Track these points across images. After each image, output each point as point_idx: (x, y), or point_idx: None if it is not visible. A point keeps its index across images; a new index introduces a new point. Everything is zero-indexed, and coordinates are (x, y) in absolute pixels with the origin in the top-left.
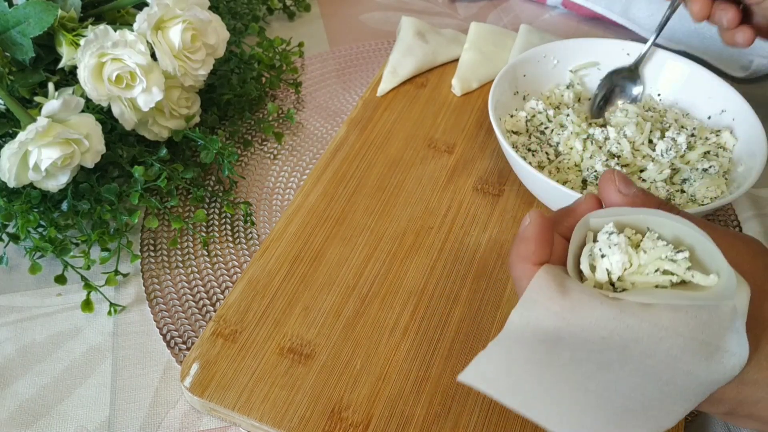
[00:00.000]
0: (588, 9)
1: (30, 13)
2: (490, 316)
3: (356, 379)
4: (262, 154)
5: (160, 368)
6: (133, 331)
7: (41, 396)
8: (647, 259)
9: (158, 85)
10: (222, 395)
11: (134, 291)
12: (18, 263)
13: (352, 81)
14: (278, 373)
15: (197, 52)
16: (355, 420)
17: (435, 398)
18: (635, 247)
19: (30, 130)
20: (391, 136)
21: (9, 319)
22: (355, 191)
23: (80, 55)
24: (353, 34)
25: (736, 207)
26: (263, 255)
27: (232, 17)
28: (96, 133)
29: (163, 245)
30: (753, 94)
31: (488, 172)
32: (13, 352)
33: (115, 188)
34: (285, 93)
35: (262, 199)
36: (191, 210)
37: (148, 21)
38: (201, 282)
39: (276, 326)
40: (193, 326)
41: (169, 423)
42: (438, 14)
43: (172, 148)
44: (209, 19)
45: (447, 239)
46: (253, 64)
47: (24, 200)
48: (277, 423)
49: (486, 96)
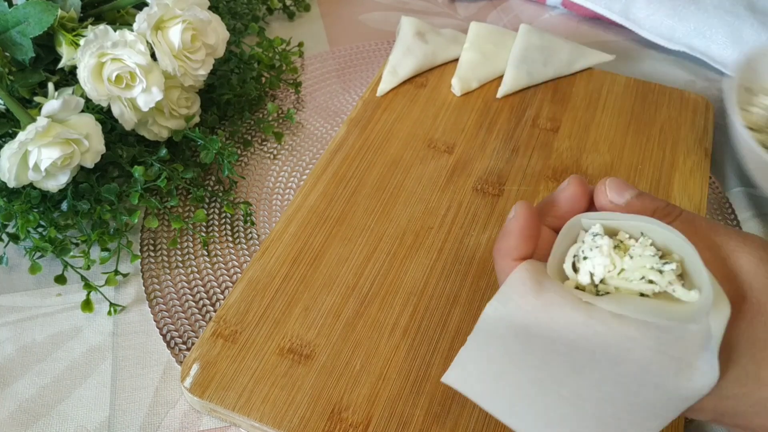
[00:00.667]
0: (588, 9)
1: (30, 13)
2: None
3: (356, 379)
4: (261, 154)
5: (160, 368)
6: (133, 331)
7: (41, 396)
8: (632, 265)
9: (158, 85)
10: (222, 396)
11: (134, 291)
12: (18, 263)
13: (351, 81)
14: (278, 373)
15: (197, 52)
16: (354, 420)
17: (435, 398)
18: (624, 251)
19: (30, 130)
20: (391, 136)
21: (9, 319)
22: (355, 191)
23: (80, 55)
24: (353, 34)
25: (735, 207)
26: (263, 255)
27: (232, 17)
28: (96, 133)
29: (163, 245)
30: None
31: (488, 172)
32: (12, 352)
33: (115, 188)
34: (285, 93)
35: (262, 199)
36: (191, 210)
37: (147, 21)
38: (201, 282)
39: (276, 327)
40: (193, 326)
41: (169, 423)
42: (438, 14)
43: (172, 148)
44: (209, 19)
45: (447, 239)
46: (252, 64)
47: (24, 200)
48: (277, 423)
49: (486, 96)
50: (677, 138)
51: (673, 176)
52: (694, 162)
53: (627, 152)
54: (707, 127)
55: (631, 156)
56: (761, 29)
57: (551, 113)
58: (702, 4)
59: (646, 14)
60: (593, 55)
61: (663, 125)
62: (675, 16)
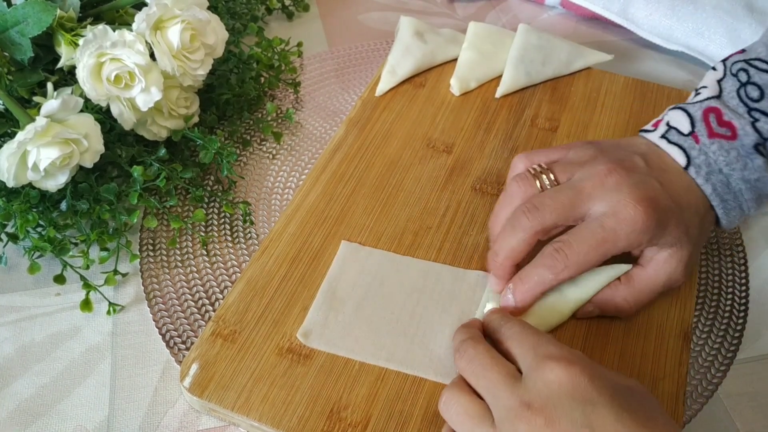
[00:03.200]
0: (586, 9)
1: (29, 13)
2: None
3: (355, 379)
4: (261, 153)
5: (159, 368)
6: (132, 331)
7: (40, 395)
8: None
9: (157, 85)
10: (221, 395)
11: (133, 291)
12: (17, 263)
13: (350, 81)
14: (277, 373)
15: (196, 52)
16: (353, 420)
17: (433, 398)
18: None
19: (29, 130)
20: (390, 136)
21: (8, 318)
22: (354, 191)
23: (79, 55)
24: (352, 34)
25: None
26: (262, 255)
27: (231, 17)
28: (95, 132)
29: (162, 245)
30: None
31: (487, 172)
32: (12, 352)
33: (114, 188)
34: (284, 93)
35: (261, 198)
36: (190, 210)
37: (146, 21)
38: (200, 282)
39: (275, 326)
40: (192, 326)
41: (168, 422)
42: (436, 14)
43: (171, 147)
44: (208, 19)
45: (446, 239)
46: (251, 63)
47: (23, 200)
48: (276, 423)
49: (485, 96)
50: None
51: None
52: None
53: None
54: None
55: None
56: (759, 29)
57: (550, 113)
58: (700, 4)
59: (645, 14)
60: (592, 54)
61: None
62: (673, 16)
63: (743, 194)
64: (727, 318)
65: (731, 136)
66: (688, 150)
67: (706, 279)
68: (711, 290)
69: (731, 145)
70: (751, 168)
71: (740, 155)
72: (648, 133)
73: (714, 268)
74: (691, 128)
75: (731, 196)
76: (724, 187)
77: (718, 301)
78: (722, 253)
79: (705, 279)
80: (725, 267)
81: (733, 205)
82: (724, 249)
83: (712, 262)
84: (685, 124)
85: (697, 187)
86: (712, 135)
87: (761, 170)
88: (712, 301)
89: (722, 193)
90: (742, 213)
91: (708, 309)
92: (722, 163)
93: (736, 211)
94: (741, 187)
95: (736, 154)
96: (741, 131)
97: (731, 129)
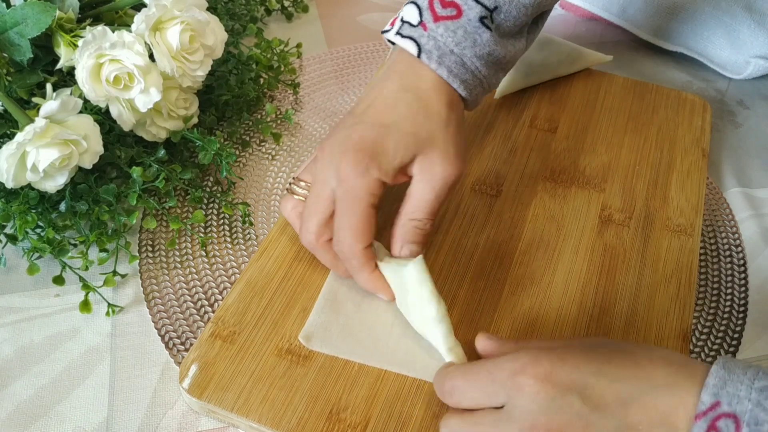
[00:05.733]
0: (585, 10)
1: (28, 14)
2: (487, 317)
3: (354, 380)
4: (260, 154)
5: (158, 369)
6: (131, 332)
7: (39, 397)
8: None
9: (156, 86)
10: (220, 397)
11: (132, 292)
12: (16, 264)
13: (350, 82)
14: (276, 374)
15: (195, 53)
16: (353, 421)
17: (433, 398)
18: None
19: (28, 131)
20: None
21: (7, 320)
22: None
23: (78, 56)
24: (351, 35)
25: (733, 207)
26: (261, 256)
27: (230, 18)
28: (94, 133)
29: (161, 246)
30: (752, 92)
31: (486, 173)
32: (11, 353)
33: (114, 189)
34: (283, 94)
35: (260, 199)
36: (189, 211)
37: (146, 22)
38: (199, 283)
39: (274, 327)
40: (191, 327)
41: (167, 424)
42: None
43: (170, 148)
44: (207, 20)
45: (445, 240)
46: (251, 64)
47: (22, 201)
48: (275, 424)
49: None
50: (675, 138)
51: (670, 177)
52: (692, 162)
53: (624, 153)
54: (704, 127)
55: (628, 156)
56: (758, 30)
57: (549, 114)
58: (699, 5)
59: (644, 15)
60: (591, 55)
61: (660, 126)
62: (672, 18)
63: (480, 71)
64: (727, 318)
65: (456, 15)
66: (418, 39)
67: (705, 279)
68: (710, 290)
69: (457, 24)
70: (480, 44)
71: (467, 32)
72: (387, 33)
73: (713, 268)
74: (420, 18)
75: (469, 75)
76: (459, 68)
77: (717, 302)
78: (721, 253)
79: (705, 279)
80: (725, 267)
81: (474, 84)
82: (723, 249)
83: (711, 262)
84: (415, 15)
85: (439, 78)
86: (437, 19)
87: (490, 44)
88: (712, 302)
89: (459, 73)
90: (483, 90)
91: (708, 309)
92: (451, 44)
93: (478, 89)
94: (476, 64)
95: (463, 32)
96: (465, 6)
97: (456, 8)
